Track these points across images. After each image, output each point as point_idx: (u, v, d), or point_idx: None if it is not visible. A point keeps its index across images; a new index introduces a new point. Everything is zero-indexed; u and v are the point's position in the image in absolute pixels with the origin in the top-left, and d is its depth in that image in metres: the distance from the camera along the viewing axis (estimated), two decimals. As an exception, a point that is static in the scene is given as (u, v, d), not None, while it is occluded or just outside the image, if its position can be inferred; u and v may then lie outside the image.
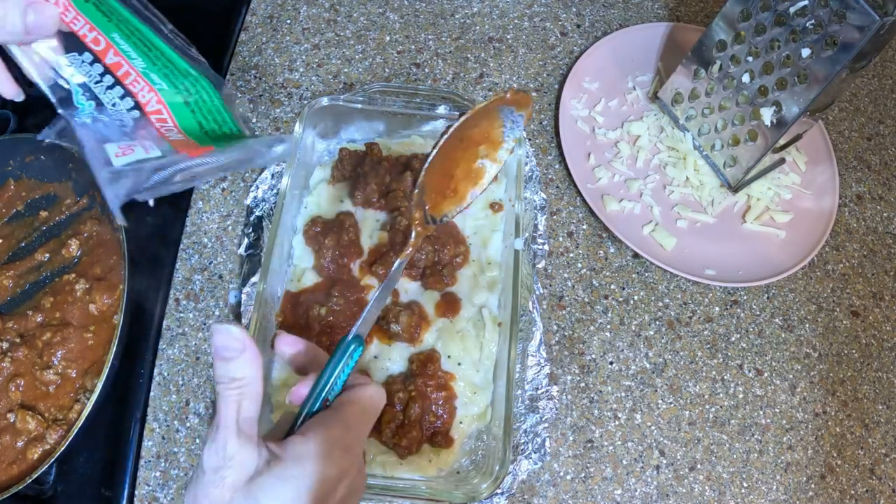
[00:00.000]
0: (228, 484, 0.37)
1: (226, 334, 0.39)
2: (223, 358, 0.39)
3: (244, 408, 0.39)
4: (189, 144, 0.50)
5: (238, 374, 0.39)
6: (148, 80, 0.48)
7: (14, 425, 0.62)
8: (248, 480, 0.37)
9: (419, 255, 0.69)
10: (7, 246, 0.72)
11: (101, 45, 0.47)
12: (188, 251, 0.76)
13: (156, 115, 0.49)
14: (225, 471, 0.37)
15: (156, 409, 0.69)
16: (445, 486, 0.61)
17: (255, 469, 0.37)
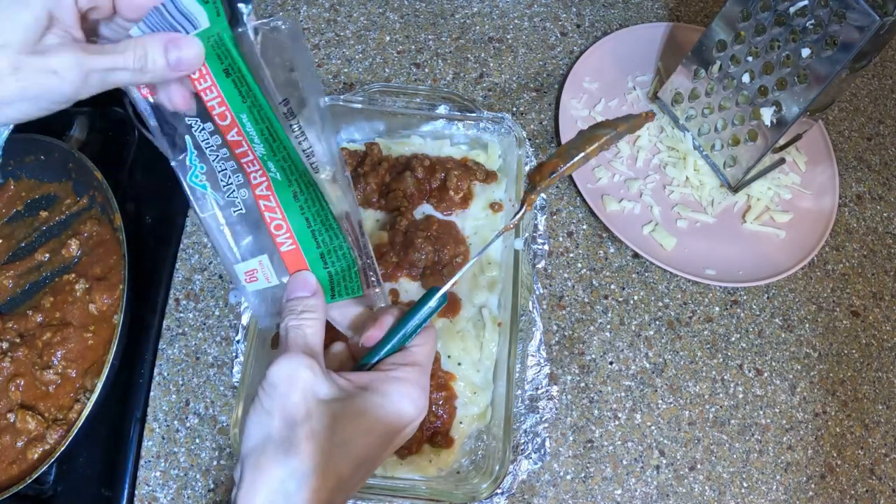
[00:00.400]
0: (303, 395, 0.39)
1: (303, 279, 0.45)
2: (296, 297, 0.44)
3: (310, 336, 0.42)
4: (297, 260, 0.47)
5: (308, 307, 0.44)
6: (264, 165, 0.45)
7: (14, 425, 0.62)
8: (328, 400, 0.39)
9: (419, 255, 0.69)
10: (7, 246, 0.72)
11: (226, 121, 0.44)
12: (188, 251, 0.76)
13: (265, 201, 0.45)
14: (298, 382, 0.39)
15: (156, 409, 0.69)
16: (445, 486, 0.61)
17: (333, 394, 0.40)
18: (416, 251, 0.69)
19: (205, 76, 0.42)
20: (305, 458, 0.37)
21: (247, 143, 0.44)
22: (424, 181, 0.74)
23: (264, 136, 0.44)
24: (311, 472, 0.37)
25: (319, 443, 0.38)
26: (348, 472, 0.39)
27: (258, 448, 0.38)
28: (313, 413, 0.38)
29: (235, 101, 0.43)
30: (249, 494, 0.37)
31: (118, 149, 0.78)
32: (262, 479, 0.37)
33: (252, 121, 0.44)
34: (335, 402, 0.39)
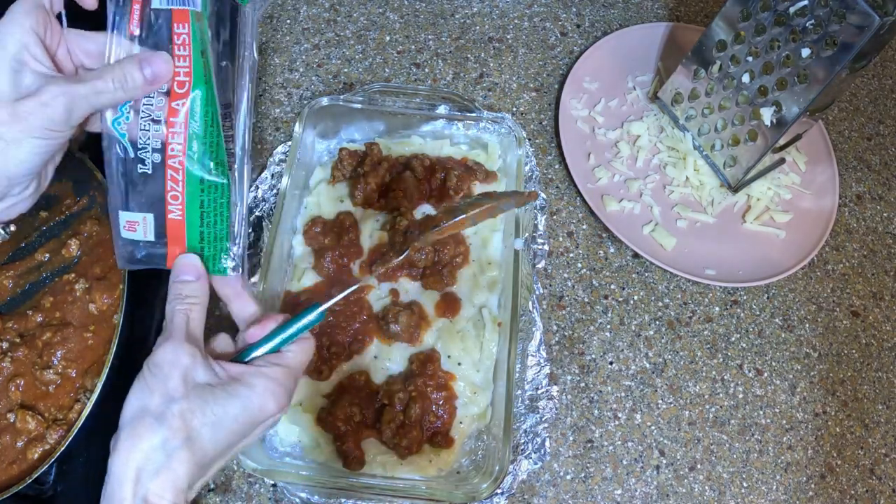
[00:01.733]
0: (182, 378, 0.43)
1: (188, 262, 0.48)
2: (182, 280, 0.48)
3: (192, 322, 0.46)
4: (178, 238, 0.50)
5: (192, 292, 0.47)
6: (189, 141, 0.48)
7: (14, 425, 0.62)
8: (203, 384, 0.43)
9: (419, 255, 0.69)
10: (7, 246, 0.72)
11: (182, 90, 0.47)
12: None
13: (172, 172, 0.49)
14: (179, 367, 0.43)
15: (156, 409, 0.68)
16: (445, 486, 0.61)
17: (208, 379, 0.44)
18: (415, 251, 0.69)
19: (186, 45, 0.47)
20: (177, 432, 0.42)
21: (186, 115, 0.48)
22: (424, 181, 0.74)
23: (206, 118, 0.48)
24: (181, 446, 0.42)
25: (190, 421, 0.42)
26: (212, 451, 0.44)
27: (136, 418, 0.43)
28: (190, 395, 0.43)
29: (199, 76, 0.47)
30: (125, 458, 0.42)
31: (118, 149, 0.78)
32: (138, 445, 0.42)
33: (203, 100, 0.48)
34: (209, 387, 0.43)
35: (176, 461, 0.42)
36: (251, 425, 0.45)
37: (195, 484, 0.44)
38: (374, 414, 0.64)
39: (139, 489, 0.41)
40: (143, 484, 0.41)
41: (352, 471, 0.62)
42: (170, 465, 0.42)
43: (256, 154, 0.82)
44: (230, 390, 0.44)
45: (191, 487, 0.43)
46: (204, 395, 0.43)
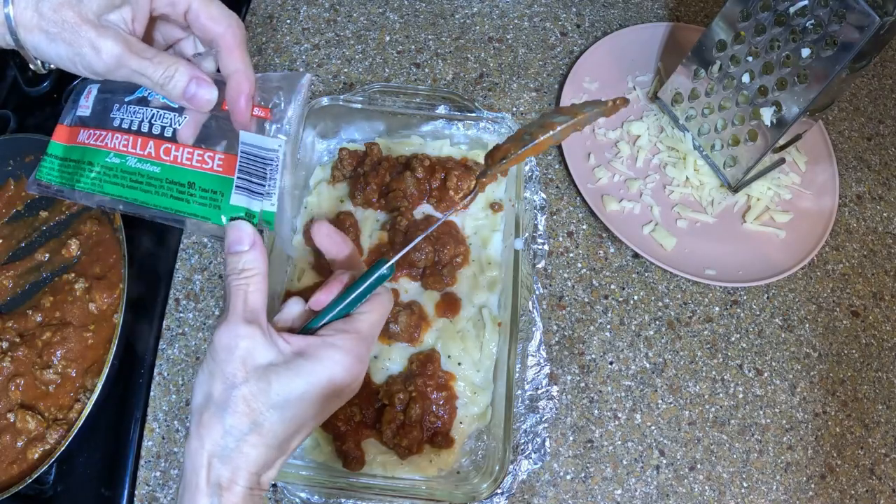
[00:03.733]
0: (241, 361, 0.41)
1: (239, 230, 0.45)
2: (234, 252, 0.44)
3: (251, 297, 0.43)
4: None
5: (247, 265, 0.44)
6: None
7: (14, 425, 0.62)
8: (265, 365, 0.42)
9: (419, 255, 0.69)
10: (7, 246, 0.72)
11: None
12: (188, 251, 0.76)
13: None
14: (237, 350, 0.41)
15: (156, 409, 0.69)
16: (446, 486, 0.61)
17: (270, 359, 0.42)
18: (415, 251, 0.69)
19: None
20: (242, 417, 0.41)
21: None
22: (424, 181, 0.74)
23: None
24: (248, 431, 0.41)
25: (255, 405, 0.41)
26: (283, 432, 0.42)
27: (202, 406, 0.42)
28: (250, 377, 0.41)
29: None
30: (196, 447, 0.41)
31: (118, 149, 0.78)
32: (206, 434, 0.41)
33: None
34: (272, 367, 0.42)
35: (246, 445, 0.41)
36: (322, 401, 0.43)
37: (274, 463, 0.43)
38: (374, 414, 0.64)
39: (212, 475, 0.41)
40: (215, 470, 0.41)
41: (352, 471, 0.62)
42: (240, 449, 0.41)
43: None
44: (294, 367, 0.42)
45: (268, 467, 0.42)
46: (267, 377, 0.41)
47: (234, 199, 0.47)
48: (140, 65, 0.44)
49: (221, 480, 0.40)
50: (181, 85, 0.45)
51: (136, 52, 0.44)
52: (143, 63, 0.44)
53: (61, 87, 0.82)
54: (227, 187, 0.47)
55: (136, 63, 0.44)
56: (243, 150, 0.47)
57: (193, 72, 0.46)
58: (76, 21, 0.42)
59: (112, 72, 0.44)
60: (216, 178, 0.48)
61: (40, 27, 0.43)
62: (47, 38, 0.43)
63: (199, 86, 0.45)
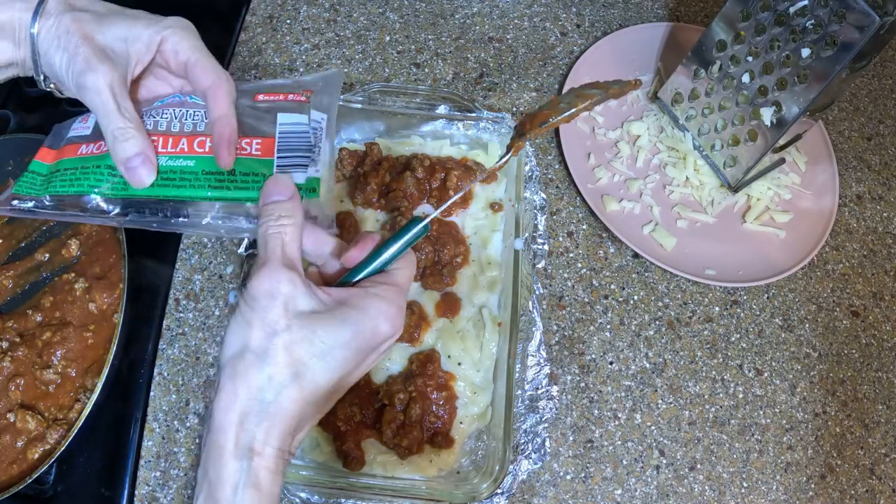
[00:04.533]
0: (283, 307, 0.39)
1: (277, 181, 0.44)
2: (272, 201, 0.44)
3: (288, 244, 0.42)
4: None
5: (285, 212, 0.43)
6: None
7: (14, 425, 0.62)
8: (309, 312, 0.40)
9: (419, 255, 0.69)
10: (7, 246, 0.72)
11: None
12: (188, 251, 0.76)
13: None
14: (279, 296, 0.39)
15: (156, 409, 0.69)
16: (446, 486, 0.61)
17: (313, 306, 0.40)
18: (415, 250, 0.69)
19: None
20: (283, 367, 0.39)
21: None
22: (424, 181, 0.74)
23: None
24: (289, 382, 0.39)
25: (297, 354, 0.39)
26: (325, 384, 0.40)
27: (237, 356, 0.39)
28: (293, 325, 0.39)
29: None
30: (227, 402, 0.38)
31: (118, 149, 0.78)
32: (240, 386, 0.38)
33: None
34: (314, 314, 0.40)
35: (286, 399, 0.39)
36: (365, 352, 0.42)
37: (308, 422, 0.41)
38: (374, 414, 0.64)
39: (242, 436, 0.38)
40: (247, 430, 0.38)
41: (352, 471, 0.62)
42: (278, 405, 0.39)
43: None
44: (339, 315, 0.41)
45: (302, 427, 0.40)
46: (311, 324, 0.40)
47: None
48: (109, 104, 0.46)
49: (254, 443, 0.38)
50: (128, 152, 0.47)
51: (117, 93, 0.47)
52: (112, 105, 0.46)
53: (61, 87, 0.82)
54: (268, 168, 0.48)
55: (107, 98, 0.46)
56: (281, 132, 0.49)
57: (145, 147, 0.47)
58: (82, 36, 0.47)
59: (88, 92, 0.46)
60: (256, 162, 0.49)
61: (55, 34, 0.47)
62: (56, 44, 0.47)
63: (142, 163, 0.47)
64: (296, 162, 0.49)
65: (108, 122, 0.47)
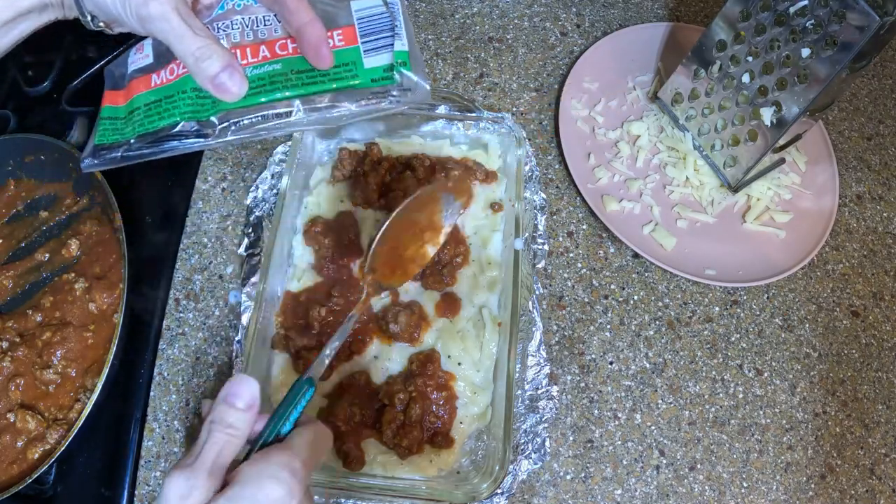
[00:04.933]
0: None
1: (242, 384, 0.43)
2: (229, 404, 0.43)
3: (224, 452, 0.42)
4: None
5: (236, 423, 0.42)
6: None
7: (14, 425, 0.62)
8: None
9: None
10: (7, 246, 0.72)
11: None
12: (188, 251, 0.76)
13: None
14: (188, 501, 0.40)
15: (156, 409, 0.69)
16: (446, 486, 0.61)
17: (206, 499, 0.40)
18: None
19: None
20: None
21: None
22: (424, 181, 0.74)
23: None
24: None
25: None
26: None
27: None
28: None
29: None
30: None
31: (118, 149, 0.78)
32: None
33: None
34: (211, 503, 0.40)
35: None
36: None
37: None
38: (374, 414, 0.64)
39: None
40: None
41: (352, 471, 0.62)
42: None
43: (256, 154, 0.82)
44: (228, 496, 0.41)
45: None
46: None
47: (368, 63, 0.50)
48: (181, 27, 0.44)
49: None
50: (213, 69, 0.45)
51: (183, 14, 0.45)
52: (183, 27, 0.45)
53: (61, 87, 0.82)
54: (356, 55, 0.50)
55: (177, 22, 0.44)
56: (359, 17, 0.51)
57: (229, 59, 0.46)
58: None
59: (153, 21, 0.44)
60: (343, 52, 0.50)
61: None
62: None
63: (230, 76, 0.46)
64: (381, 44, 0.50)
65: (185, 45, 0.45)
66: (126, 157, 0.50)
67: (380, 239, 0.58)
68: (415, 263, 0.61)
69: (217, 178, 0.80)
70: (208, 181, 0.80)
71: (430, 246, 0.62)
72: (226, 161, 0.81)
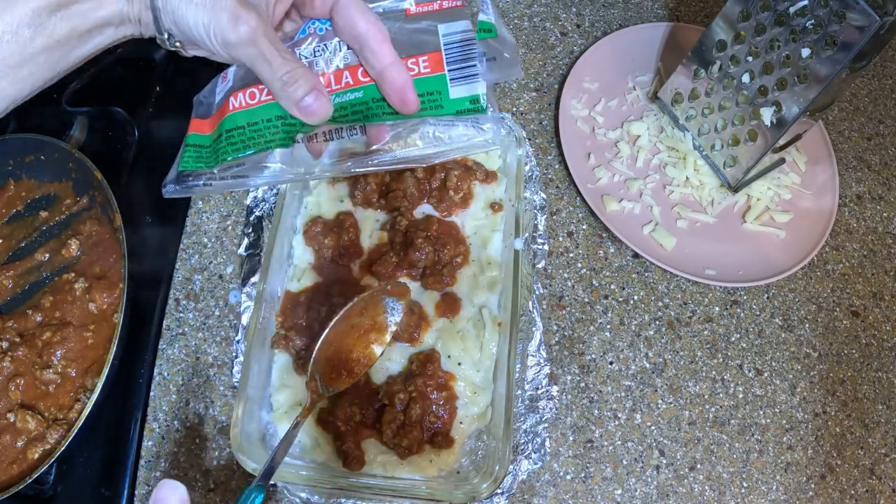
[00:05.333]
0: None
1: (171, 489, 0.41)
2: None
3: None
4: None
5: None
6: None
7: (14, 425, 0.62)
8: None
9: (419, 255, 0.69)
10: (7, 246, 0.72)
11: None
12: (188, 251, 0.76)
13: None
14: None
15: (156, 409, 0.69)
16: (446, 486, 0.61)
17: None
18: (416, 251, 0.69)
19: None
20: None
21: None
22: (424, 181, 0.74)
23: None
24: None
25: None
26: None
27: None
28: None
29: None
30: None
31: (118, 149, 0.78)
32: None
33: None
34: None
35: None
36: None
37: None
38: (374, 414, 0.64)
39: None
40: None
41: (352, 471, 0.62)
42: None
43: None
44: None
45: None
46: None
47: (454, 93, 0.48)
48: (270, 51, 0.44)
49: None
50: (300, 92, 0.45)
51: (271, 38, 0.44)
52: (273, 51, 0.44)
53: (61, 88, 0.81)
54: (442, 84, 0.48)
55: (266, 47, 0.44)
56: (446, 43, 0.48)
57: (315, 82, 0.46)
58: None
59: (240, 47, 0.44)
60: (428, 80, 0.48)
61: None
62: (188, 2, 0.44)
63: (316, 99, 0.46)
64: (467, 73, 0.48)
65: (272, 70, 0.45)
66: (208, 186, 0.50)
67: (321, 346, 0.59)
68: (360, 364, 0.62)
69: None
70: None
71: (377, 346, 0.62)
72: (226, 161, 0.81)
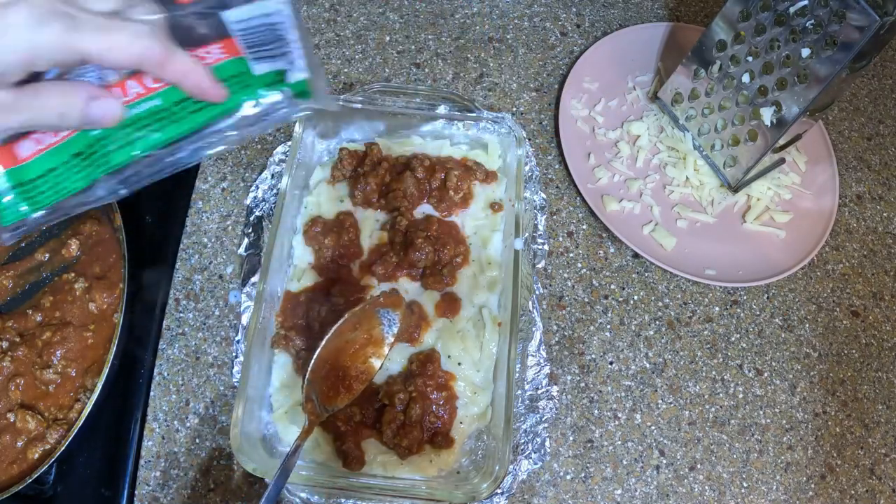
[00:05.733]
0: None
1: None
2: None
3: None
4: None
5: None
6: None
7: (14, 425, 0.62)
8: None
9: (419, 255, 0.69)
10: (7, 246, 0.72)
11: None
12: (188, 251, 0.76)
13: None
14: None
15: (156, 409, 0.69)
16: (446, 486, 0.61)
17: None
18: (416, 251, 0.69)
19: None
20: None
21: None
22: (424, 181, 0.74)
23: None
24: None
25: None
26: None
27: None
28: None
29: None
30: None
31: (118, 149, 0.78)
32: None
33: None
34: None
35: None
36: None
37: None
38: (374, 414, 0.64)
39: None
40: None
41: (352, 471, 0.62)
42: None
43: (256, 154, 0.82)
44: None
45: None
46: None
47: (258, 69, 0.44)
48: (34, 104, 0.39)
49: None
50: (77, 107, 0.40)
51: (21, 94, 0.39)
52: (34, 102, 0.39)
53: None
54: (242, 65, 0.44)
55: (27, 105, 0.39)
56: (239, 29, 0.43)
57: (91, 89, 0.41)
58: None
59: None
60: (226, 65, 0.44)
61: None
62: None
63: (93, 100, 0.41)
64: (272, 53, 0.44)
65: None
66: (49, 217, 0.45)
67: (314, 367, 0.58)
68: (359, 380, 0.61)
69: (217, 178, 0.80)
70: (208, 181, 0.80)
71: (375, 359, 0.62)
72: (226, 161, 0.81)
